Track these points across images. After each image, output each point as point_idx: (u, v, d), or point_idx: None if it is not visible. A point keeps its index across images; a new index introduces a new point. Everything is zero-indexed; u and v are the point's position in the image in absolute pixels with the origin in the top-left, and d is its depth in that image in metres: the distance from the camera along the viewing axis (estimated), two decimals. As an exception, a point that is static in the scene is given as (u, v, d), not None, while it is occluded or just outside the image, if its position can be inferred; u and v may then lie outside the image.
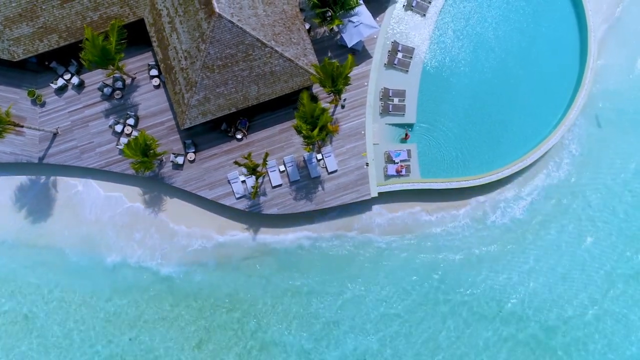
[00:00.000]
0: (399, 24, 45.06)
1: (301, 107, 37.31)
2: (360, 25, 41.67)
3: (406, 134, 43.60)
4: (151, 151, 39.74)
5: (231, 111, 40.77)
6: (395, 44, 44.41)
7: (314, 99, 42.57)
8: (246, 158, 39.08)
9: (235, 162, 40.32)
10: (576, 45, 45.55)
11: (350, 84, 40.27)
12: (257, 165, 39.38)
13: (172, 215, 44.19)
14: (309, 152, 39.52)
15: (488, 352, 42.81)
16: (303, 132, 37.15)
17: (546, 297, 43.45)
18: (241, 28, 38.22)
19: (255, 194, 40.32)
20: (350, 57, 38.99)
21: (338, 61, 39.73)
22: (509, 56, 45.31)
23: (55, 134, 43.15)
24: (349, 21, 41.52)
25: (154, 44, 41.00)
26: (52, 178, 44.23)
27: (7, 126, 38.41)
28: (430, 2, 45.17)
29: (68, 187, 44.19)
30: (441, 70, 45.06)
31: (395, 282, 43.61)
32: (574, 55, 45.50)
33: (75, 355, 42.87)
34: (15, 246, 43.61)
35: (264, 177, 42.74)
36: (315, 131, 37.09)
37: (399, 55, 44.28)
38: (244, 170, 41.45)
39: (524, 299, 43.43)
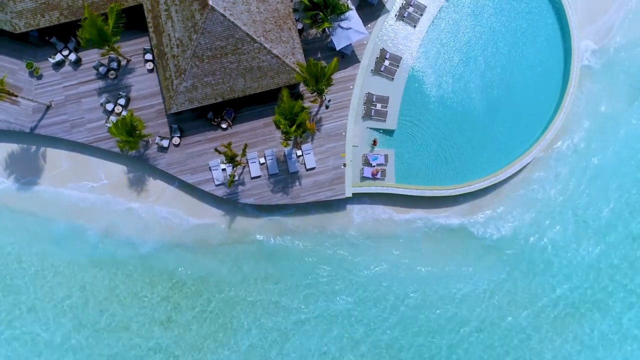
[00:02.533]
0: (390, 32, 46.44)
1: (281, 103, 38.79)
2: (349, 30, 43.10)
3: (374, 140, 44.75)
4: (137, 132, 41.34)
5: (217, 101, 42.32)
6: (383, 52, 45.81)
7: (299, 97, 44.09)
8: (226, 147, 40.59)
9: (216, 150, 41.85)
10: (559, 70, 46.72)
11: (332, 85, 41.77)
12: (236, 155, 40.90)
13: (154, 195, 45.75)
14: (286, 147, 40.97)
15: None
16: (281, 127, 38.66)
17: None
18: (232, 22, 39.78)
19: (231, 182, 41.87)
20: (335, 60, 40.48)
21: (323, 62, 41.06)
22: (493, 74, 46.60)
23: (48, 107, 44.84)
24: (339, 25, 42.97)
25: (150, 30, 42.63)
26: (41, 149, 45.89)
27: (1, 94, 40.09)
28: (421, 15, 46.49)
29: (56, 159, 45.77)
30: (426, 81, 46.43)
31: (357, 279, 45.02)
32: (556, 79, 46.69)
33: (46, 320, 44.41)
34: (-1, 209, 45.29)
35: (243, 167, 44.23)
36: (293, 127, 38.55)
37: (386, 62, 45.67)
38: (224, 158, 42.95)
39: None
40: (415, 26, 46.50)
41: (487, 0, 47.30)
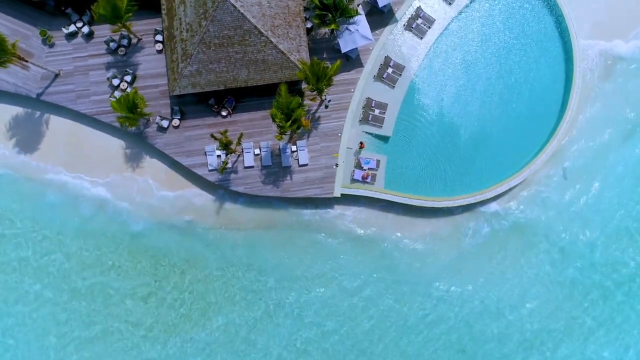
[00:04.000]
0: (396, 41, 47.26)
1: (279, 97, 39.73)
2: (356, 34, 44.01)
3: (361, 143, 45.56)
4: (138, 109, 42.41)
5: (219, 88, 43.32)
6: (387, 59, 46.64)
7: (300, 94, 45.01)
8: (222, 134, 41.56)
9: (212, 136, 42.84)
10: (559, 96, 47.37)
11: (332, 86, 42.68)
12: (231, 143, 41.88)
13: (147, 174, 46.70)
14: (280, 140, 41.87)
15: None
16: (277, 121, 39.60)
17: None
18: (242, 14, 40.79)
19: (223, 169, 42.85)
20: (338, 62, 41.40)
21: (327, 63, 41.96)
22: (493, 94, 47.35)
23: (56, 75, 45.99)
24: (347, 28, 43.89)
25: (163, 12, 43.72)
26: (45, 115, 47.04)
27: (12, 57, 41.27)
28: (429, 27, 47.30)
29: (57, 127, 46.86)
30: (426, 93, 47.24)
31: (337, 275, 46.03)
32: (554, 104, 47.36)
33: (27, 284, 45.56)
34: (-2, 170, 46.46)
35: (238, 155, 45.20)
36: (288, 123, 39.48)
37: (389, 70, 46.52)
38: (219, 144, 43.88)
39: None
40: (422, 38, 47.30)
41: (495, 20, 48.04)
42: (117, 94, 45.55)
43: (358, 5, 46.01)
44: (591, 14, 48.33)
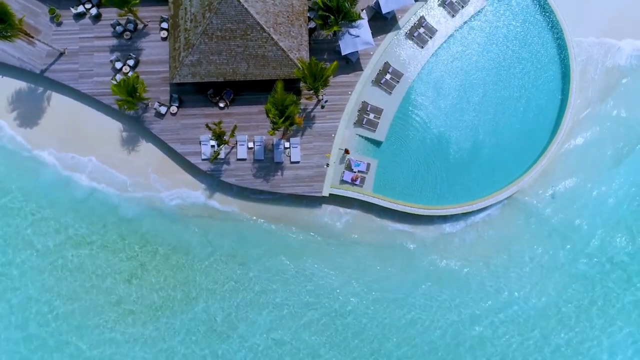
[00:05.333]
0: (397, 48, 47.89)
1: (275, 94, 40.46)
2: (357, 38, 44.68)
3: (346, 150, 46.16)
4: (137, 94, 43.23)
5: (218, 80, 44.12)
6: (387, 65, 47.28)
7: (298, 92, 45.71)
8: (216, 124, 42.33)
9: (206, 126, 43.61)
10: (553, 116, 47.90)
11: (329, 87, 43.37)
12: (224, 134, 42.63)
13: (142, 158, 47.58)
14: (272, 135, 42.58)
15: None
16: (270, 116, 40.34)
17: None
18: (246, 8, 41.56)
19: (214, 158, 43.63)
20: (335, 63, 42.08)
21: (327, 64, 42.67)
22: (488, 109, 47.90)
23: (61, 54, 46.89)
24: (348, 32, 44.54)
25: (170, 0, 44.47)
26: (47, 92, 47.96)
27: (18, 32, 42.20)
28: (431, 37, 47.90)
29: (60, 104, 47.77)
30: (422, 101, 47.85)
31: (318, 272, 46.84)
32: (548, 124, 47.85)
33: (16, 253, 46.53)
34: (-4, 141, 47.38)
35: (232, 147, 45.95)
36: (282, 119, 40.20)
37: (388, 76, 47.15)
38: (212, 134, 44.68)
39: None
40: (422, 47, 47.90)
41: (496, 36, 48.60)
42: (118, 77, 46.39)
43: (362, 10, 46.69)
44: (592, 34, 48.93)
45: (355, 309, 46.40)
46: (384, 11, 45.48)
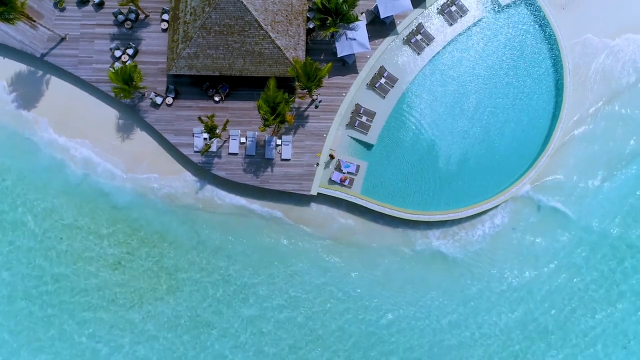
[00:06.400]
0: (393, 53, 48.32)
1: (267, 91, 40.97)
2: (354, 41, 45.15)
3: (331, 155, 46.59)
4: (133, 83, 43.80)
5: (214, 74, 44.65)
6: (382, 69, 47.73)
7: (293, 90, 46.20)
8: (208, 117, 42.87)
9: (199, 118, 44.15)
10: (544, 128, 48.26)
11: (322, 87, 43.83)
12: (216, 127, 43.15)
13: (135, 145, 48.20)
14: (263, 131, 43.04)
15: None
16: (261, 112, 40.85)
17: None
18: (245, 5, 42.11)
19: (204, 151, 44.18)
20: (330, 64, 42.60)
21: (319, 64, 43.15)
22: (481, 117, 48.31)
23: (62, 39, 47.53)
24: (345, 34, 45.00)
25: (171, -8, 45.12)
26: (46, 76, 48.59)
27: (20, 15, 42.82)
28: (428, 44, 48.32)
29: (58, 89, 48.38)
30: (415, 107, 48.28)
31: (301, 269, 47.39)
32: (539, 136, 48.21)
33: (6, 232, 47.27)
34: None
35: (224, 141, 46.47)
36: (272, 116, 40.71)
37: (382, 80, 47.60)
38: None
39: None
40: (419, 54, 48.32)
41: (493, 47, 48.99)
42: (117, 65, 46.97)
43: (361, 14, 47.18)
44: (587, 51, 49.36)
45: (333, 307, 46.89)
46: (382, 16, 45.91)
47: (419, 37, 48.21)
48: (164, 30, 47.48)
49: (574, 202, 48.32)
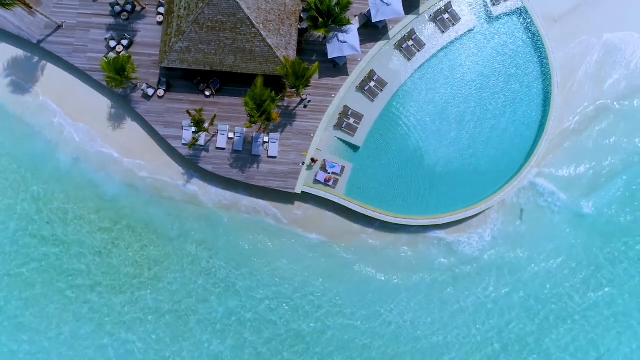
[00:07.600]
0: (384, 57, 48.84)
1: (254, 88, 41.56)
2: (345, 44, 45.67)
3: (312, 159, 47.11)
4: (125, 73, 44.45)
5: (205, 69, 45.26)
6: (372, 73, 48.25)
7: (282, 88, 46.77)
8: (196, 111, 43.50)
9: (187, 112, 44.78)
10: (530, 139, 48.69)
11: (310, 86, 44.41)
12: (203, 122, 43.76)
13: (125, 135, 48.86)
14: (248, 128, 43.63)
15: None
16: (247, 109, 41.45)
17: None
18: (237, 2, 42.70)
19: (192, 145, 44.80)
20: (316, 64, 43.23)
21: (308, 64, 43.71)
22: (467, 127, 48.84)
23: (59, 26, 48.23)
24: (336, 36, 45.55)
25: (167, -14, 45.74)
26: (42, 62, 49.31)
27: (17, 1, 43.56)
28: (419, 51, 48.82)
29: (52, 76, 49.10)
30: (403, 112, 48.78)
31: (283, 265, 48.05)
32: (524, 145, 48.68)
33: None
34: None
35: (212, 135, 47.07)
36: (258, 113, 41.30)
37: (372, 83, 48.13)
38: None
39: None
40: (410, 59, 48.83)
41: (483, 55, 49.50)
42: (111, 55, 47.61)
43: (355, 17, 47.71)
44: (575, 64, 49.93)
45: (317, 299, 47.62)
46: (373, 20, 46.43)
47: (410, 42, 48.71)
48: (159, 23, 48.12)
49: (560, 213, 48.76)
